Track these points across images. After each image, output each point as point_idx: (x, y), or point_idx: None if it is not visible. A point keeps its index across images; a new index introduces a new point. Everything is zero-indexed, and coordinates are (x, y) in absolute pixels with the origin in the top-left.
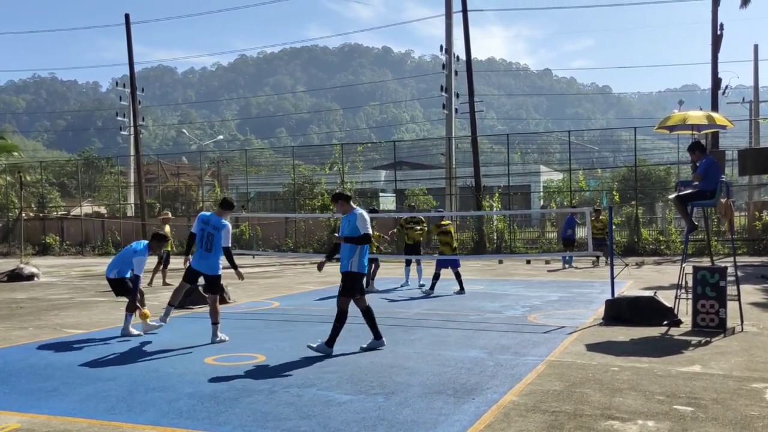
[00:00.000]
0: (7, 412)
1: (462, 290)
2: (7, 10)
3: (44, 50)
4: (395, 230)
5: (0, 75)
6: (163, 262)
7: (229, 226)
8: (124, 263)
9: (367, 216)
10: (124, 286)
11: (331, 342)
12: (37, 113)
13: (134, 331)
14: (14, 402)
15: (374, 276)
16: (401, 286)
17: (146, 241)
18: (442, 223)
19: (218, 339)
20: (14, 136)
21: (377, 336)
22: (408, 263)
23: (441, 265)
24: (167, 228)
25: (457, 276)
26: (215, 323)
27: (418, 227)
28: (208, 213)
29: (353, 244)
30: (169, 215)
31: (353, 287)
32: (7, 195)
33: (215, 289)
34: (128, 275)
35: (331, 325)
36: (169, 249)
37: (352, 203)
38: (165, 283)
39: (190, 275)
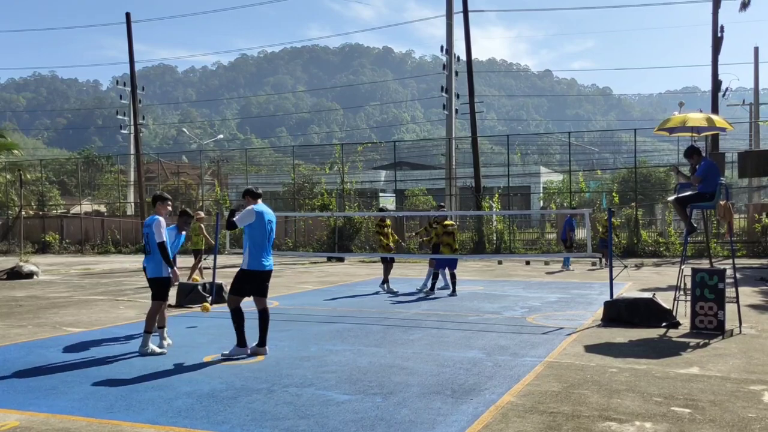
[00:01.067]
0: (6, 410)
1: (454, 292)
2: (7, 8)
3: (45, 48)
4: (422, 230)
5: (0, 73)
6: (197, 260)
7: (159, 219)
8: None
9: (253, 212)
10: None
11: (241, 342)
12: (38, 111)
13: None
14: (13, 400)
15: (386, 278)
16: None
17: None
18: (447, 223)
19: (148, 350)
20: (14, 134)
21: (241, 343)
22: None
23: (440, 265)
24: (202, 227)
25: (453, 277)
26: (147, 331)
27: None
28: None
29: (230, 227)
30: (202, 214)
31: (241, 285)
32: (7, 193)
33: (158, 294)
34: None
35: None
36: (202, 247)
37: (260, 201)
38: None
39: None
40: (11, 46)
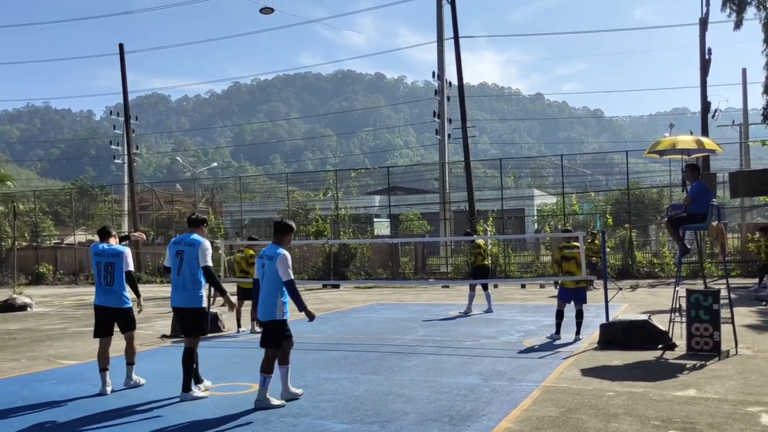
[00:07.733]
0: None
1: (578, 335)
2: (1, 41)
3: (38, 79)
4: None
5: None
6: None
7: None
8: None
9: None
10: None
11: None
12: (31, 142)
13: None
14: None
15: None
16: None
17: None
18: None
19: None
20: (8, 165)
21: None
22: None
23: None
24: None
25: (578, 315)
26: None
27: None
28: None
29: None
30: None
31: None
32: (1, 225)
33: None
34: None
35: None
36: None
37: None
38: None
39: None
40: (5, 78)
